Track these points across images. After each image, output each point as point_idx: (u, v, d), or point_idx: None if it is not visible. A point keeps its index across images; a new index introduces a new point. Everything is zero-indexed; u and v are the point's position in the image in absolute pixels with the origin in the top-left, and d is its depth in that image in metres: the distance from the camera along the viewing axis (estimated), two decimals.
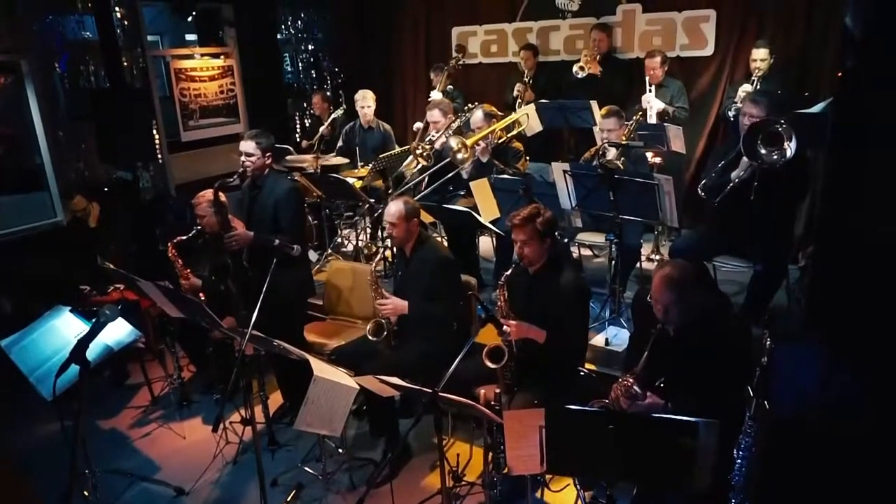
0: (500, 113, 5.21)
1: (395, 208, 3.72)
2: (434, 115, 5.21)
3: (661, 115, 5.41)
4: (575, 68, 5.76)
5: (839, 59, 4.37)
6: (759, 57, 5.15)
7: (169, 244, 4.23)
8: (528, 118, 5.29)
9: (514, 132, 5.12)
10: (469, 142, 4.72)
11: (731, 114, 5.22)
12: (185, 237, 4.21)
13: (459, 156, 4.69)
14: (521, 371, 3.29)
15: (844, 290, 3.16)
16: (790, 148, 3.45)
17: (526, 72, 6.18)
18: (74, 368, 2.96)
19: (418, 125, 6.21)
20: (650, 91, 5.44)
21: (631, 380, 2.71)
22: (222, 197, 3.95)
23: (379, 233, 5.61)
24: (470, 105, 5.19)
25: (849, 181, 3.14)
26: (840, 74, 3.27)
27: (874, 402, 2.81)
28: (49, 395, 3.05)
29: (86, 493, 3.32)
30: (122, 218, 5.89)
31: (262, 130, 4.11)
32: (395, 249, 4.34)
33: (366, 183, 5.71)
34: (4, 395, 4.34)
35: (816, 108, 4.28)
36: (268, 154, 4.00)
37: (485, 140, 4.81)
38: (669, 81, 5.58)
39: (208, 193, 3.98)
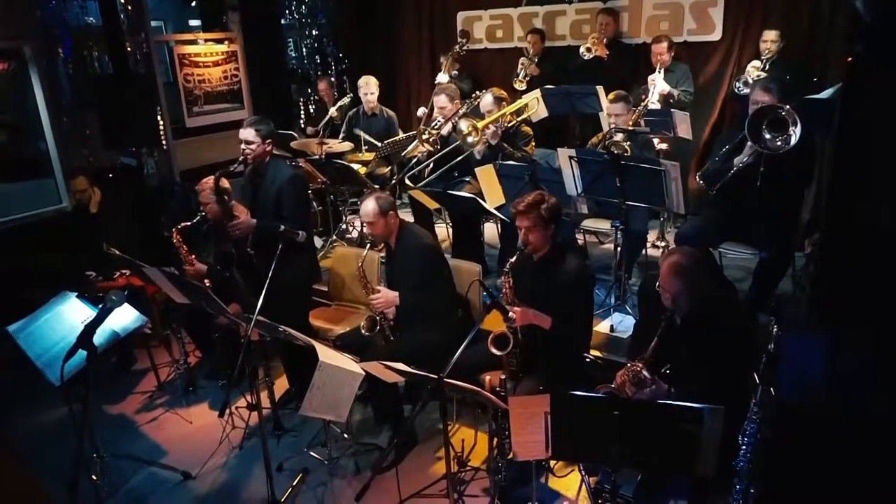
0: (508, 98, 5.18)
1: (369, 207, 3.66)
2: (441, 100, 5.14)
3: (665, 98, 5.37)
4: (582, 49, 5.74)
5: (847, 44, 4.33)
6: (770, 38, 5.12)
7: (173, 230, 4.23)
8: (537, 102, 5.26)
9: (524, 116, 5.08)
10: (480, 125, 4.68)
11: (738, 86, 5.18)
12: (189, 223, 4.21)
13: (469, 139, 4.65)
14: (526, 357, 3.30)
15: (850, 277, 3.15)
16: (795, 134, 3.42)
17: (532, 56, 6.15)
18: (81, 354, 2.97)
19: (422, 111, 6.18)
20: (658, 72, 5.40)
21: (640, 365, 2.71)
22: (224, 184, 3.94)
23: None
24: (478, 92, 5.14)
25: (855, 168, 3.12)
26: (849, 60, 3.24)
27: (879, 389, 2.81)
28: (56, 380, 3.05)
29: (94, 477, 3.34)
30: (127, 204, 5.89)
31: (261, 117, 4.08)
32: None
33: (370, 169, 5.69)
34: (11, 381, 4.38)
35: (825, 94, 4.24)
36: (268, 141, 3.98)
37: (495, 124, 4.77)
38: (675, 65, 5.54)
39: (211, 180, 3.97)
